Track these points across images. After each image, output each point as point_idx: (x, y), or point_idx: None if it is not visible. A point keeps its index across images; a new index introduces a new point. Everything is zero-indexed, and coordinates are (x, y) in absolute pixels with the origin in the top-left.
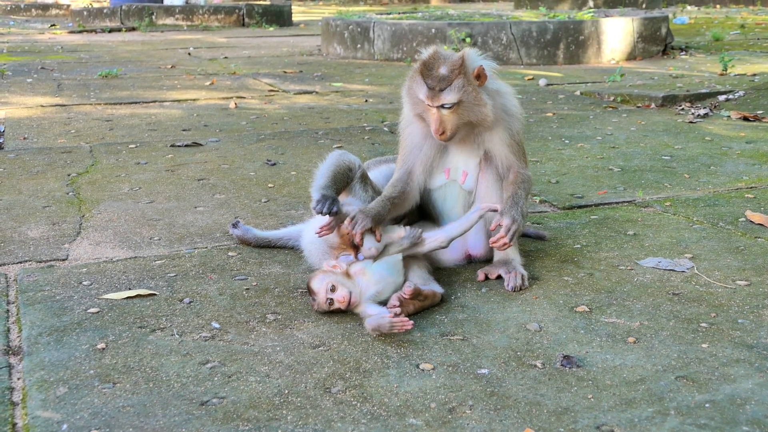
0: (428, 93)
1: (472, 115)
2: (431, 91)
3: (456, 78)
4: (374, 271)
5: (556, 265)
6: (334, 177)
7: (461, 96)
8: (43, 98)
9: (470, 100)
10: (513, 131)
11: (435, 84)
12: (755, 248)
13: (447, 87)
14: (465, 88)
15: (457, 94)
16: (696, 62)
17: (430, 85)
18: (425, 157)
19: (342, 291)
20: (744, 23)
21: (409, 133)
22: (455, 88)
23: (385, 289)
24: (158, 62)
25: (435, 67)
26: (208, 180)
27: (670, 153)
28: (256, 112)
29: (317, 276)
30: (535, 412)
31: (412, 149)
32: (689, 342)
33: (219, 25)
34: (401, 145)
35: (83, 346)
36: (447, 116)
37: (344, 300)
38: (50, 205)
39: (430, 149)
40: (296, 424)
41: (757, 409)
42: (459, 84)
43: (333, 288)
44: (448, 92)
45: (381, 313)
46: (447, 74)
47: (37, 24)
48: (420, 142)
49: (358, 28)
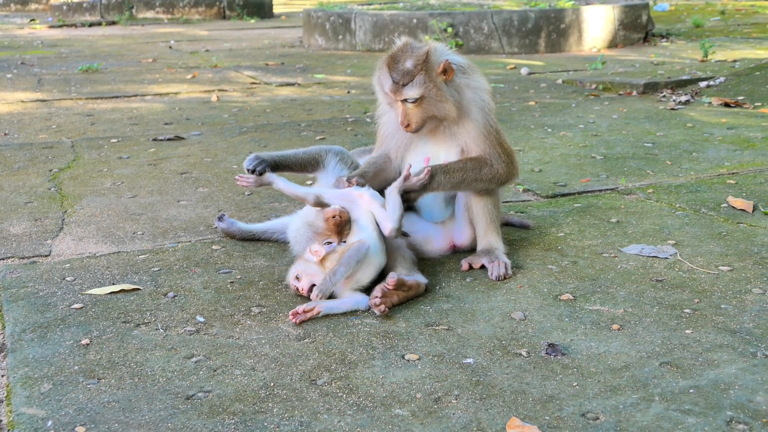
0: (392, 86)
1: (435, 110)
2: (395, 84)
3: (419, 73)
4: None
5: (540, 253)
6: (295, 154)
7: (423, 91)
8: (23, 93)
9: (432, 96)
10: (481, 126)
11: (399, 78)
12: (737, 234)
13: (410, 82)
14: (427, 84)
15: (419, 89)
16: (677, 49)
17: (394, 79)
18: (399, 143)
19: (304, 281)
20: (724, 9)
21: (384, 121)
22: (417, 84)
23: (363, 275)
24: (139, 56)
25: (401, 60)
26: (191, 173)
27: (652, 140)
28: (239, 104)
29: (296, 262)
30: (520, 401)
31: (387, 136)
32: (673, 328)
33: (200, 18)
34: (378, 133)
35: (67, 342)
36: (411, 110)
37: (303, 291)
38: (32, 201)
39: (404, 137)
40: (282, 417)
41: (740, 394)
42: (421, 79)
43: (298, 277)
44: (410, 87)
45: (358, 305)
46: (411, 69)
47: (16, 19)
48: (394, 131)
49: (340, 19)
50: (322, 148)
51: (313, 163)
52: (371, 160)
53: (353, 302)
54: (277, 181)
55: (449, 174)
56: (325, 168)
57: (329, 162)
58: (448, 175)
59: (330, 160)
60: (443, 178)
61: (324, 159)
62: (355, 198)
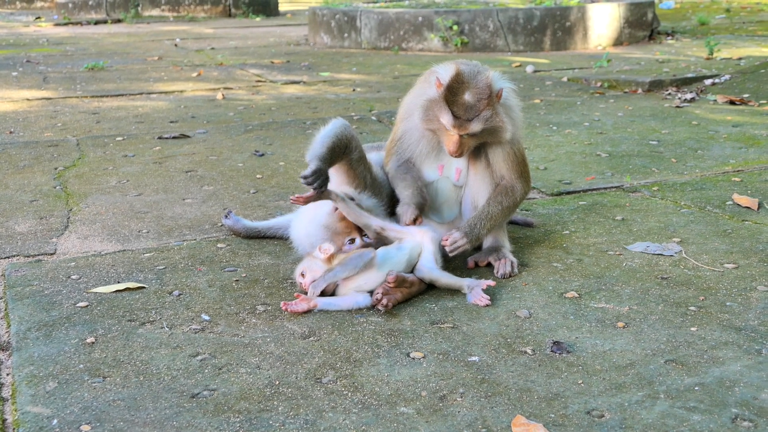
0: (454, 122)
1: (490, 138)
2: (457, 120)
3: (485, 109)
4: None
5: (545, 251)
6: (333, 148)
7: (486, 125)
8: (29, 92)
9: (494, 126)
10: (514, 142)
11: (462, 113)
12: (743, 231)
13: (475, 117)
14: (492, 118)
15: (484, 124)
16: (682, 47)
17: (456, 114)
18: (420, 153)
19: (308, 278)
20: (729, 7)
21: (408, 128)
22: (483, 119)
23: (371, 279)
24: (144, 54)
25: (460, 92)
26: (196, 172)
27: (657, 138)
28: (244, 102)
29: (303, 259)
30: (525, 399)
31: (410, 145)
32: (678, 326)
33: (205, 16)
34: (395, 134)
35: (72, 340)
36: (467, 140)
37: (305, 286)
38: (37, 199)
39: (427, 146)
40: (287, 415)
41: (745, 391)
42: (487, 115)
43: (302, 274)
44: (476, 122)
45: (357, 304)
46: (474, 103)
47: (21, 17)
48: (417, 140)
49: (345, 17)
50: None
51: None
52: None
53: (352, 301)
54: (340, 202)
55: (478, 227)
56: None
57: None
58: (478, 229)
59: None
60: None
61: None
62: (415, 234)
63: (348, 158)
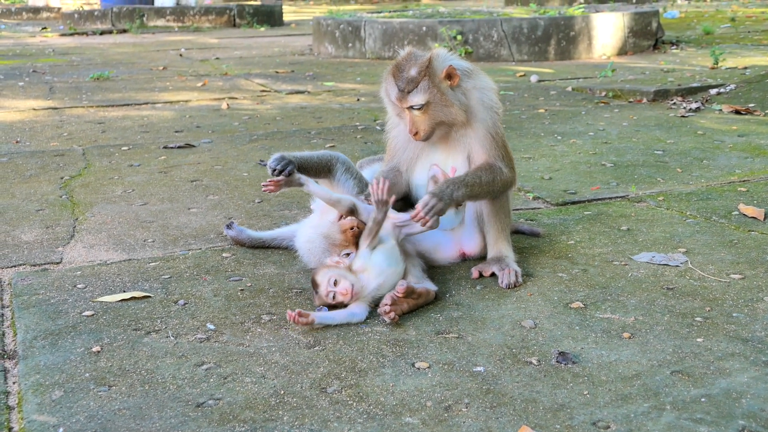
0: (398, 95)
1: (442, 115)
2: (401, 92)
3: (422, 79)
4: (374, 265)
5: (550, 261)
6: (308, 158)
7: (428, 97)
8: (35, 101)
9: (438, 101)
10: (490, 127)
11: (404, 86)
12: (749, 241)
13: (414, 88)
14: (431, 90)
15: (424, 95)
16: (687, 56)
17: (399, 87)
18: (409, 157)
19: (345, 284)
20: (734, 16)
21: (395, 135)
22: (421, 90)
23: (387, 281)
24: (150, 64)
25: (406, 68)
26: (202, 181)
27: (662, 147)
28: (249, 112)
29: (321, 270)
30: (531, 409)
31: (398, 150)
32: (684, 336)
33: (210, 26)
34: (388, 146)
35: (78, 349)
36: (418, 117)
37: (347, 292)
38: (44, 208)
39: (414, 149)
40: (292, 425)
41: (752, 403)
42: (425, 85)
43: (336, 282)
44: (415, 94)
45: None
46: (414, 75)
47: (28, 27)
48: (404, 144)
49: (349, 27)
50: (331, 156)
51: (324, 169)
52: (384, 176)
53: (347, 314)
54: (309, 183)
55: (452, 186)
56: (334, 177)
57: (337, 171)
58: (452, 187)
59: (338, 169)
60: (446, 192)
61: (333, 167)
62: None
63: (329, 176)
